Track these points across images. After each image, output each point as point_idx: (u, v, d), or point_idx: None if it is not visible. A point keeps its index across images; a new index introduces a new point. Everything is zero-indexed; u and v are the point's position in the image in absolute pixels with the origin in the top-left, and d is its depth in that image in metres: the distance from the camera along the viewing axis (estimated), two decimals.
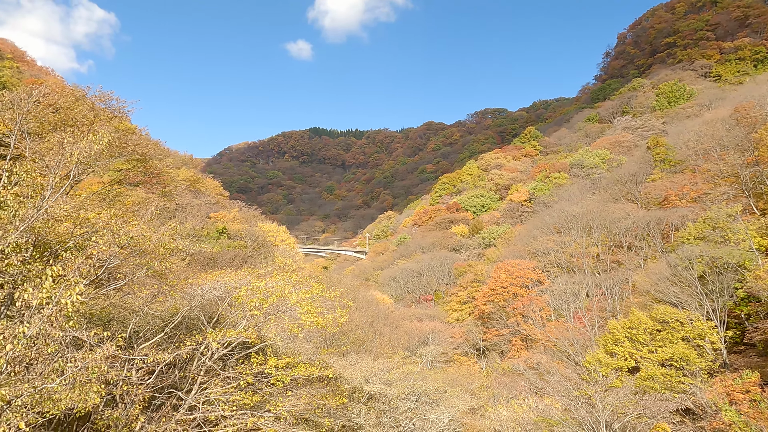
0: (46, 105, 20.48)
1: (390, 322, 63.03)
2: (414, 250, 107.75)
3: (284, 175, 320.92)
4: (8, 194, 13.55)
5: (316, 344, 33.04)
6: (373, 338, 50.39)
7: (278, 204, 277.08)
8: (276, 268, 27.42)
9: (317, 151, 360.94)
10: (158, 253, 16.77)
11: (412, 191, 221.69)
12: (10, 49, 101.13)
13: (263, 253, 69.09)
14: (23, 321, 11.09)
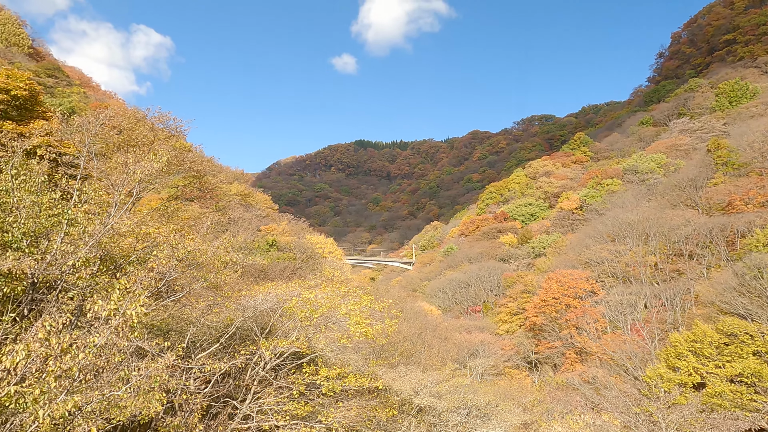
0: (111, 127, 21.85)
1: (438, 333, 62.40)
2: (461, 261, 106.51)
3: (331, 188, 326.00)
4: (78, 212, 14.46)
5: (365, 355, 33.14)
6: (422, 350, 50.01)
7: (325, 216, 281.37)
8: (325, 279, 27.82)
9: (363, 163, 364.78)
10: (213, 266, 17.39)
11: (458, 201, 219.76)
12: (78, 76, 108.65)
13: (312, 264, 70.20)
14: (91, 331, 11.76)
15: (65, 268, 14.12)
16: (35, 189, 15.01)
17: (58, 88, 78.25)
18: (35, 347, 8.41)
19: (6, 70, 27.24)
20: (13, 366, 8.54)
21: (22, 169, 14.91)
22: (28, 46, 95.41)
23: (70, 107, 56.95)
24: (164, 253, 14.77)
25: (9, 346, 9.52)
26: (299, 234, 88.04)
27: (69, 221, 14.69)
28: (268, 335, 21.71)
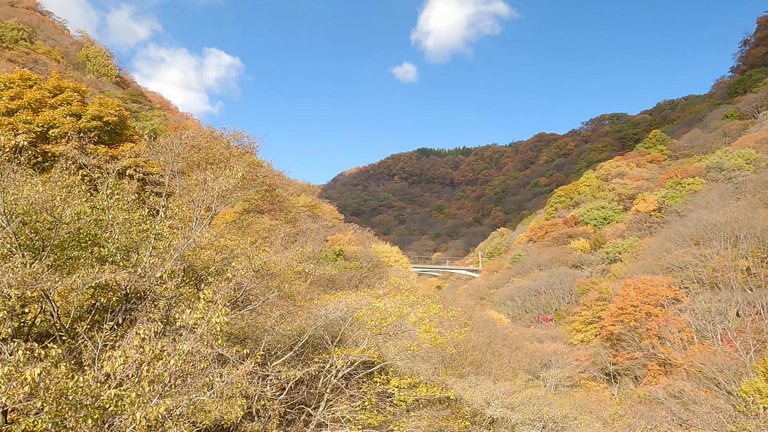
0: (191, 147, 23.40)
1: (508, 343, 60.79)
2: (530, 268, 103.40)
3: (394, 197, 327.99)
4: (164, 227, 15.51)
5: (434, 364, 32.86)
6: (492, 359, 48.89)
7: (390, 225, 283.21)
8: (392, 288, 27.98)
9: (425, 171, 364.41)
10: (286, 276, 17.99)
11: (525, 206, 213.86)
12: (158, 100, 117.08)
13: (378, 273, 70.78)
14: (178, 339, 12.53)
15: (153, 279, 15.16)
16: (127, 207, 16.28)
17: (142, 112, 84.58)
18: (131, 354, 9.08)
19: (99, 99, 29.87)
20: (113, 371, 9.26)
21: (115, 189, 16.22)
22: (115, 76, 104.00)
23: (152, 129, 61.33)
24: (241, 265, 15.48)
25: (108, 353, 10.34)
26: (365, 243, 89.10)
27: (156, 236, 15.79)
28: (339, 344, 22.10)
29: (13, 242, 13.50)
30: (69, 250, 15.53)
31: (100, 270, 13.54)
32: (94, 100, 30.28)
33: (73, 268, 14.94)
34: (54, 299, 14.40)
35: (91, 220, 15.31)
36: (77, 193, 15.75)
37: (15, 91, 27.56)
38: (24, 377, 7.48)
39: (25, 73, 29.74)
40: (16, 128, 25.22)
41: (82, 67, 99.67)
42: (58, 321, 14.64)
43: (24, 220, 14.00)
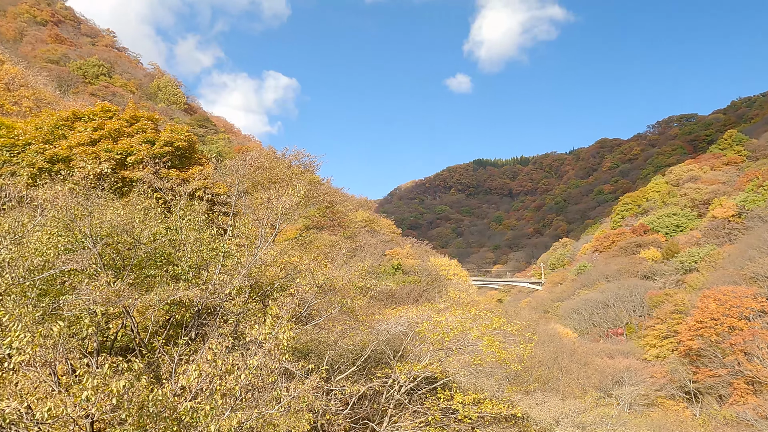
0: (255, 168, 24.45)
1: (576, 358, 58.20)
2: (596, 279, 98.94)
3: (451, 209, 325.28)
4: (232, 245, 16.20)
5: (498, 380, 32.00)
6: (559, 376, 46.98)
7: (447, 238, 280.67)
8: (452, 302, 27.64)
9: (482, 182, 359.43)
10: (348, 291, 18.23)
11: (589, 215, 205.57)
12: (223, 124, 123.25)
13: (437, 287, 70.17)
14: (247, 353, 12.96)
15: (223, 296, 15.83)
16: (197, 227, 17.15)
17: (208, 136, 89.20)
18: (205, 368, 9.48)
19: (170, 126, 31.86)
20: (189, 384, 9.70)
21: (187, 210, 17.15)
22: (183, 103, 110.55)
23: (218, 152, 64.51)
24: (305, 281, 15.85)
25: (183, 366, 10.86)
26: (423, 257, 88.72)
27: (224, 254, 16.51)
28: (401, 359, 22.03)
29: (98, 262, 14.54)
30: (146, 268, 16.54)
31: (174, 287, 14.30)
32: (166, 127, 32.30)
33: (150, 286, 15.86)
34: (133, 315, 15.32)
35: (165, 241, 16.24)
36: (153, 215, 16.77)
37: (97, 122, 29.91)
38: (110, 389, 8.00)
39: (105, 106, 32.23)
40: (99, 156, 27.30)
41: (154, 97, 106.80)
42: (137, 336, 15.54)
43: (107, 241, 15.05)
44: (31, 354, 8.50)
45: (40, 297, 13.07)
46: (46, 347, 8.81)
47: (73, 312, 12.47)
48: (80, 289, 12.71)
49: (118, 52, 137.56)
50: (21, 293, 12.49)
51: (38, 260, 13.00)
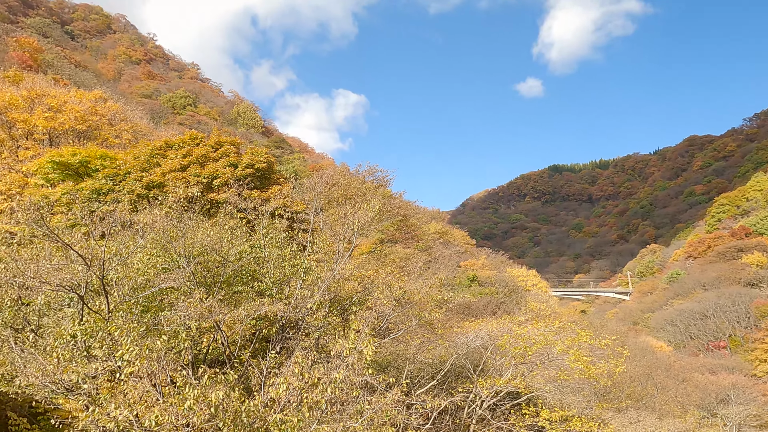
0: (331, 185, 25.28)
1: (672, 374, 53.97)
2: (692, 288, 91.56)
3: (527, 218, 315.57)
4: (311, 261, 16.76)
5: (586, 396, 30.33)
6: (654, 392, 43.74)
7: (524, 247, 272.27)
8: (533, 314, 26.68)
9: (559, 189, 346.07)
10: (426, 304, 18.18)
11: (679, 219, 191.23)
12: (297, 144, 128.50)
13: (515, 298, 68.19)
14: (329, 367, 13.27)
15: (304, 310, 16.37)
16: (279, 244, 17.95)
17: (284, 156, 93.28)
18: (292, 381, 9.83)
19: (250, 149, 33.74)
20: (277, 396, 10.09)
21: (269, 228, 17.99)
22: (261, 126, 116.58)
23: (294, 171, 67.23)
24: (383, 294, 16.02)
25: (272, 379, 11.32)
26: (499, 267, 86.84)
27: (305, 269, 17.11)
28: (481, 373, 21.54)
29: (192, 280, 15.60)
30: (234, 285, 17.50)
31: (260, 303, 15.00)
32: (247, 150, 34.20)
33: (237, 302, 16.74)
34: (223, 329, 16.21)
35: (250, 258, 17.12)
36: (239, 234, 17.76)
37: (186, 149, 32.29)
38: (209, 399, 8.51)
39: (193, 134, 34.75)
40: (189, 181, 29.42)
41: (235, 122, 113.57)
42: (227, 349, 16.40)
43: (199, 260, 16.11)
44: (138, 366, 9.26)
45: (142, 313, 14.23)
46: (151, 360, 9.56)
47: (172, 327, 13.43)
48: (177, 305, 13.68)
49: (201, 83, 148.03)
50: (127, 309, 13.67)
51: (141, 279, 14.16)
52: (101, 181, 30.01)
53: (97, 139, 42.43)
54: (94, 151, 33.51)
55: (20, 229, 21.41)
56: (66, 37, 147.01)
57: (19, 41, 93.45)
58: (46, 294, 15.33)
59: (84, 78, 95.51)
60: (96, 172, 31.31)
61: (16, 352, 13.67)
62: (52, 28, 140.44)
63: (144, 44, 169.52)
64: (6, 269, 13.34)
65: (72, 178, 31.56)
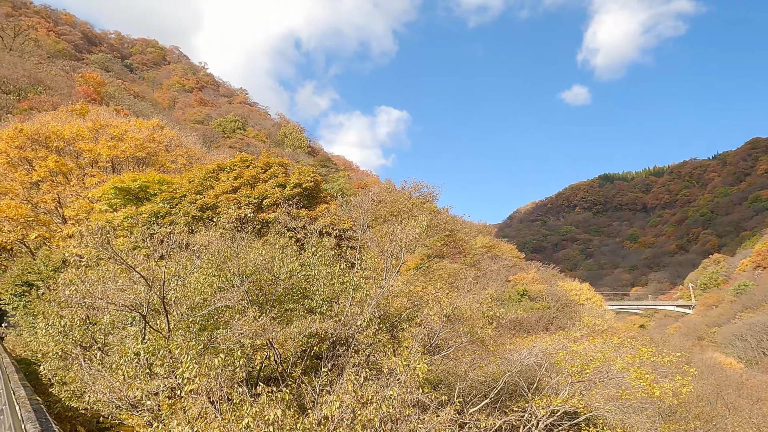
0: (377, 202, 25.49)
1: (745, 393, 50.33)
2: (762, 300, 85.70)
3: (578, 229, 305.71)
4: (360, 278, 16.86)
5: (649, 417, 28.69)
6: (725, 413, 40.86)
7: (575, 260, 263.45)
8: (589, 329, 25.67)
9: (610, 199, 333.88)
10: (477, 321, 17.87)
11: (744, 226, 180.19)
12: (342, 162, 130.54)
13: (568, 313, 66.04)
14: (380, 384, 13.22)
15: (354, 327, 16.44)
16: (328, 262, 18.19)
17: (330, 174, 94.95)
18: (345, 398, 9.86)
19: (297, 169, 34.60)
20: (331, 414, 10.14)
21: (318, 246, 18.28)
22: (306, 146, 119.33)
23: (339, 189, 68.28)
24: (433, 311, 15.89)
25: (325, 396, 11.41)
26: (550, 281, 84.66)
27: (354, 287, 17.22)
28: (536, 391, 20.84)
29: (246, 298, 16.01)
30: (285, 303, 17.82)
31: (311, 320, 15.20)
32: (294, 170, 35.07)
33: (289, 319, 17.03)
34: (275, 347, 16.49)
35: (301, 276, 17.42)
36: (289, 252, 18.13)
37: (237, 171, 33.46)
38: (266, 417, 8.67)
39: (243, 156, 36.01)
40: (240, 202, 30.41)
41: (281, 143, 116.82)
42: (280, 366, 16.65)
43: (252, 279, 16.54)
44: (198, 383, 9.56)
45: (200, 331, 14.71)
46: (209, 377, 9.85)
47: (227, 345, 13.80)
48: (232, 324, 14.07)
49: (249, 107, 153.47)
50: (186, 328, 14.18)
51: (198, 298, 14.67)
52: (159, 205, 31.49)
53: (155, 164, 44.69)
54: (153, 176, 35.29)
55: (87, 252, 22.70)
56: (125, 70, 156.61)
57: (84, 77, 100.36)
58: (111, 313, 16.16)
59: (142, 107, 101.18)
60: (154, 196, 32.92)
61: (85, 370, 14.41)
62: (113, 62, 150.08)
63: (196, 73, 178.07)
64: (76, 291, 14.16)
65: (133, 203, 33.31)
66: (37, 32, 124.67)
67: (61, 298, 17.66)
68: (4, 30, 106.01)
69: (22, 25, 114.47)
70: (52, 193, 40.53)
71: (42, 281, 29.70)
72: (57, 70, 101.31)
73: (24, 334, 30.91)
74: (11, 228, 37.38)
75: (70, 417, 16.46)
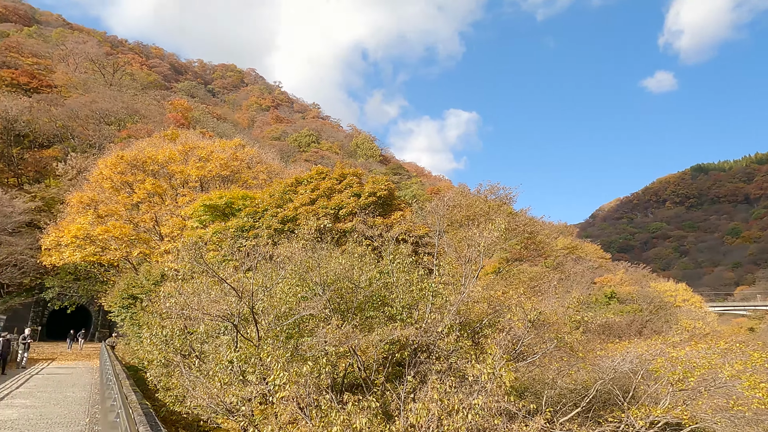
0: (453, 207, 25.32)
1: None
2: None
3: (669, 225, 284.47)
4: (439, 284, 16.76)
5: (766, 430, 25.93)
6: None
7: (668, 258, 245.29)
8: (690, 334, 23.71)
9: (705, 191, 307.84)
10: (563, 326, 17.13)
11: None
12: (414, 169, 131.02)
13: (663, 315, 61.81)
14: (464, 392, 13.00)
15: (435, 334, 16.33)
16: (406, 269, 18.26)
17: (402, 181, 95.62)
18: (431, 406, 9.80)
19: (371, 178, 35.20)
20: (417, 422, 10.12)
21: (395, 254, 18.41)
22: (378, 155, 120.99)
23: (412, 196, 68.50)
24: (516, 316, 15.44)
25: (410, 404, 11.41)
26: (640, 282, 79.92)
27: (433, 293, 17.15)
28: (632, 400, 19.54)
29: (328, 307, 16.45)
30: (366, 310, 18.10)
31: (392, 327, 15.31)
32: (368, 179, 35.68)
33: (370, 327, 17.26)
34: (358, 354, 16.76)
35: (380, 284, 17.61)
36: (367, 261, 18.41)
37: (314, 184, 34.61)
38: (354, 425, 8.83)
39: (319, 168, 37.21)
40: (317, 213, 31.39)
41: (354, 154, 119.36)
42: (363, 372, 16.89)
43: (333, 288, 16.98)
44: (289, 390, 9.94)
45: (287, 339, 15.31)
46: (299, 384, 10.20)
47: (313, 353, 14.23)
48: (316, 332, 14.50)
49: (322, 120, 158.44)
50: (273, 337, 14.81)
51: (284, 308, 15.28)
52: (244, 219, 33.26)
53: (238, 181, 47.34)
54: (237, 192, 37.41)
55: (182, 266, 24.44)
56: (208, 95, 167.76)
57: (173, 104, 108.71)
58: (206, 323, 17.24)
59: (224, 128, 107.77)
60: (239, 211, 34.84)
61: (185, 376, 15.46)
62: (197, 88, 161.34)
63: (271, 92, 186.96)
64: (175, 303, 15.27)
65: (220, 218, 35.45)
66: (131, 67, 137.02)
67: (162, 310, 19.14)
68: (105, 68, 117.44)
69: (119, 62, 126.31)
70: (150, 212, 44.16)
71: (144, 294, 32.35)
72: (150, 100, 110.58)
73: (131, 343, 33.81)
74: (117, 246, 41.12)
75: (173, 421, 17.72)
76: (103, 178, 46.45)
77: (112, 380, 16.04)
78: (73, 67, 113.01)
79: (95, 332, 61.94)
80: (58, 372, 30.87)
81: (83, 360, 40.05)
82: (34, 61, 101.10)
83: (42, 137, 77.23)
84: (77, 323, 60.09)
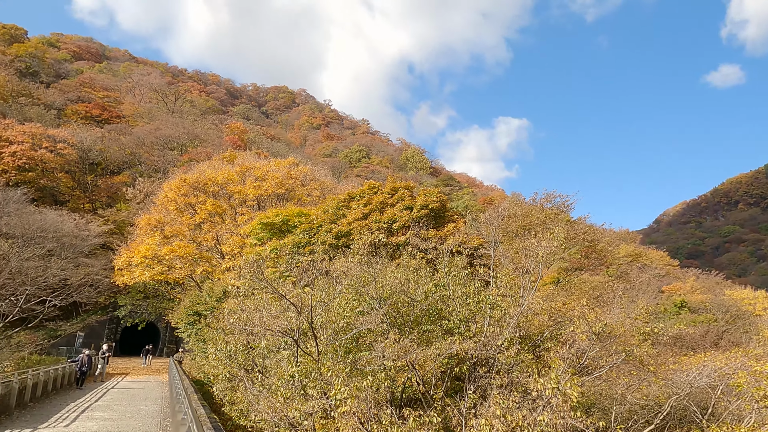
0: (508, 217, 24.87)
1: None
2: None
3: (743, 229, 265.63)
4: (497, 296, 16.44)
5: None
6: None
7: (744, 264, 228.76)
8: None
9: None
10: (630, 338, 16.33)
11: None
12: (465, 179, 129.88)
13: (741, 326, 57.65)
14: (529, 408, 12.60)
15: (494, 348, 15.97)
16: (462, 281, 18.02)
17: (454, 192, 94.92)
18: (495, 423, 9.57)
19: (423, 191, 35.19)
20: None
21: (450, 266, 18.25)
22: (428, 167, 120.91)
23: (464, 206, 67.74)
24: (580, 328, 14.87)
25: (472, 420, 11.19)
26: (713, 290, 75.24)
27: (491, 305, 16.82)
28: (710, 417, 18.25)
29: (385, 321, 16.48)
30: (423, 324, 17.98)
31: (450, 341, 15.12)
32: (419, 192, 35.68)
33: (428, 341, 17.12)
34: (416, 368, 16.64)
35: (436, 297, 17.48)
36: (423, 274, 18.34)
37: (366, 198, 34.99)
38: None
39: (371, 183, 37.63)
40: (371, 227, 31.66)
41: (404, 167, 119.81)
42: (422, 387, 16.74)
43: (389, 302, 17.01)
44: (350, 405, 10.01)
45: (345, 354, 15.44)
46: (359, 398, 10.26)
47: (371, 367, 14.28)
48: (375, 346, 14.55)
49: (372, 135, 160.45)
50: (332, 351, 14.99)
51: (342, 323, 15.46)
52: (299, 236, 34.05)
53: (293, 199, 48.63)
54: (292, 210, 38.42)
55: (243, 283, 25.29)
56: (262, 117, 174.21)
57: (230, 127, 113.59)
58: (267, 338, 17.70)
59: (278, 148, 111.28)
60: (294, 228, 35.72)
61: (249, 391, 15.90)
62: (251, 111, 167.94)
63: (321, 110, 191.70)
64: (238, 319, 15.80)
65: (277, 236, 36.47)
66: (191, 94, 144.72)
67: (225, 326, 19.85)
68: (167, 96, 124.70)
69: (180, 90, 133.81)
70: (212, 232, 46.08)
71: (208, 311, 33.66)
72: (208, 125, 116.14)
73: (197, 358, 35.17)
74: (182, 265, 43.12)
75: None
76: (168, 201, 49.06)
77: (182, 395, 16.75)
78: (139, 97, 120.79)
79: (163, 348, 65.00)
80: (132, 386, 32.57)
81: (153, 374, 42.06)
82: (105, 94, 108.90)
83: (113, 164, 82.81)
84: (147, 339, 63.40)
